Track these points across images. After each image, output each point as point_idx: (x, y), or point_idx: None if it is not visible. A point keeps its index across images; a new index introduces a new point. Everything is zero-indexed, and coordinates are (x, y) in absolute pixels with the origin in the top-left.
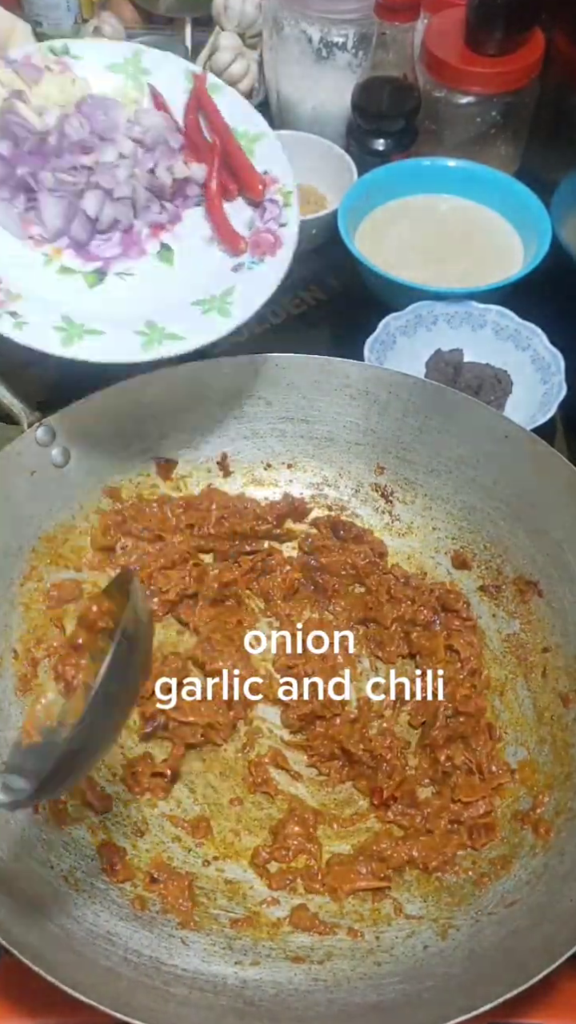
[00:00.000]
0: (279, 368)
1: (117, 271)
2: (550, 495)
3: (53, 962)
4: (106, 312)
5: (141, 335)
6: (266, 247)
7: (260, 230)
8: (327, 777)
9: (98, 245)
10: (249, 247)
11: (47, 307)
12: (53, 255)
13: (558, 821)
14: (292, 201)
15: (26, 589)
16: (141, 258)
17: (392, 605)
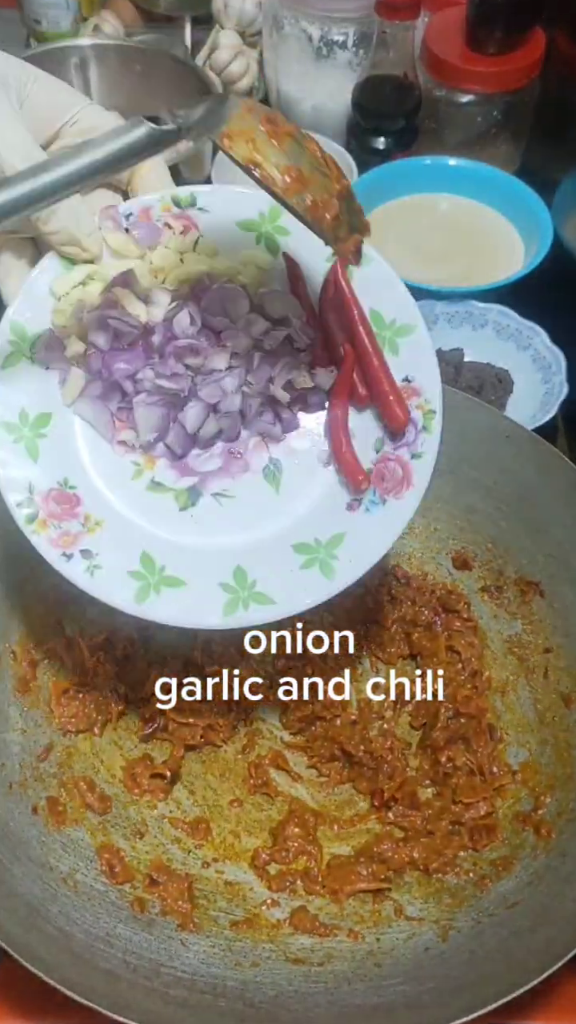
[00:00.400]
0: None
1: (214, 491)
2: (551, 495)
3: (52, 964)
4: (193, 548)
5: (226, 590)
6: (392, 484)
7: (388, 457)
8: (327, 778)
9: (197, 456)
10: (372, 479)
11: (127, 540)
12: (145, 465)
13: (560, 822)
14: (434, 426)
15: (25, 590)
16: (243, 476)
17: (392, 605)
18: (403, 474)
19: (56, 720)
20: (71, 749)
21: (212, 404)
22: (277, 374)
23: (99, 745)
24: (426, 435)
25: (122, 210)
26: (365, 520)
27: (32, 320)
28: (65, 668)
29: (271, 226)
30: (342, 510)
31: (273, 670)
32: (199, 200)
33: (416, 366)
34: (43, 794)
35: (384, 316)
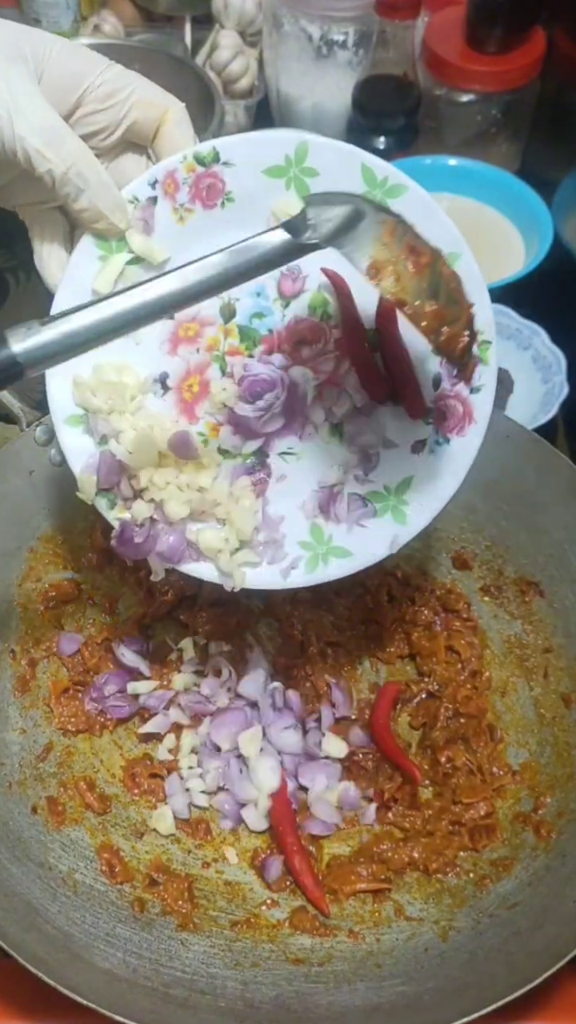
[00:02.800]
0: None
1: (279, 450)
2: (551, 495)
3: (52, 964)
4: (267, 510)
5: (305, 547)
6: (453, 422)
7: (447, 395)
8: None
9: (258, 417)
10: (434, 418)
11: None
12: (210, 433)
13: (560, 823)
14: (490, 357)
15: (24, 590)
16: (306, 431)
17: (392, 605)
18: (463, 410)
19: (56, 720)
20: (71, 749)
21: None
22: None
23: (99, 745)
24: (483, 367)
25: (147, 178)
26: (431, 461)
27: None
28: (65, 668)
29: (299, 169)
30: (407, 454)
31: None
32: (222, 154)
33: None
34: (43, 794)
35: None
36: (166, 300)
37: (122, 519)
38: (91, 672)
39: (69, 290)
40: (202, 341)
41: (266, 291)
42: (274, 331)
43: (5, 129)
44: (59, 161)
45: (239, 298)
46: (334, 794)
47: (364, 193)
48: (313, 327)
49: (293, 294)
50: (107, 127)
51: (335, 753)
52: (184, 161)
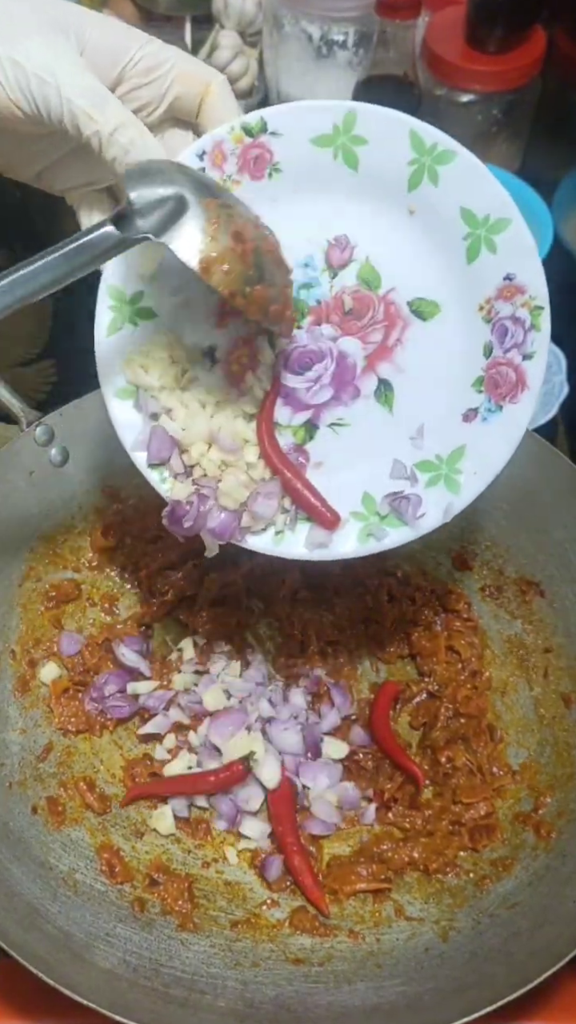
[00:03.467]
0: None
1: (329, 422)
2: (551, 495)
3: (52, 964)
4: (317, 483)
5: (357, 518)
6: (506, 389)
7: (499, 361)
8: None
9: (307, 388)
10: (486, 386)
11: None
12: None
13: (560, 823)
14: (542, 322)
15: (24, 589)
16: (355, 402)
17: (392, 605)
18: (516, 377)
19: (56, 720)
20: (71, 749)
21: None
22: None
23: (99, 745)
24: (535, 333)
25: (195, 150)
26: (483, 430)
27: (128, 282)
28: (65, 668)
29: (347, 137)
30: (459, 422)
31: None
32: (270, 124)
33: (516, 262)
34: (43, 794)
35: (476, 213)
36: (26, 292)
37: (172, 499)
38: (91, 672)
39: (118, 264)
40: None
41: (314, 262)
42: (322, 302)
43: (52, 95)
44: (105, 121)
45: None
46: (334, 794)
47: (411, 159)
48: (362, 298)
49: (341, 264)
50: (150, 102)
51: (336, 754)
52: (232, 132)
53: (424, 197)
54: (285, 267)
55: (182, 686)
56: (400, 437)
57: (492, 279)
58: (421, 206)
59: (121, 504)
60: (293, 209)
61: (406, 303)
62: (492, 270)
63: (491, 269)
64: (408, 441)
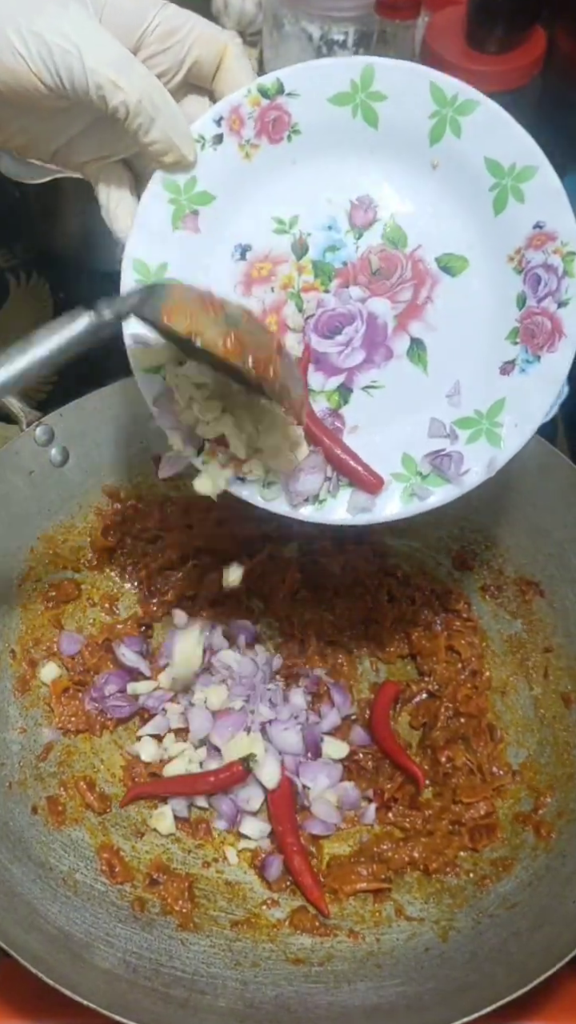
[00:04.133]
0: None
1: (363, 385)
2: (551, 495)
3: (52, 964)
4: (355, 447)
5: (399, 479)
6: (542, 338)
7: (533, 311)
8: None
9: (339, 352)
10: (521, 336)
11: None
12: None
13: (560, 823)
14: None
15: (24, 589)
16: (388, 363)
17: (392, 605)
18: (552, 325)
19: (56, 720)
20: (71, 749)
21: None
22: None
23: (99, 745)
24: (570, 279)
25: (212, 115)
26: (522, 381)
27: (151, 253)
28: (65, 668)
29: (365, 94)
30: (496, 376)
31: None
32: (287, 84)
33: (546, 209)
34: (43, 794)
35: (501, 162)
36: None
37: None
38: (91, 672)
39: (141, 236)
40: (276, 280)
41: (338, 223)
42: (349, 264)
43: (76, 66)
44: (132, 90)
45: (311, 233)
46: (334, 794)
47: (432, 112)
48: (389, 257)
49: (365, 224)
50: (170, 68)
51: (336, 754)
52: (248, 95)
53: (447, 150)
54: (268, 331)
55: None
56: (437, 395)
57: (521, 228)
58: (444, 159)
59: (121, 504)
60: (314, 171)
61: (434, 260)
62: (521, 219)
63: (520, 218)
64: (445, 399)
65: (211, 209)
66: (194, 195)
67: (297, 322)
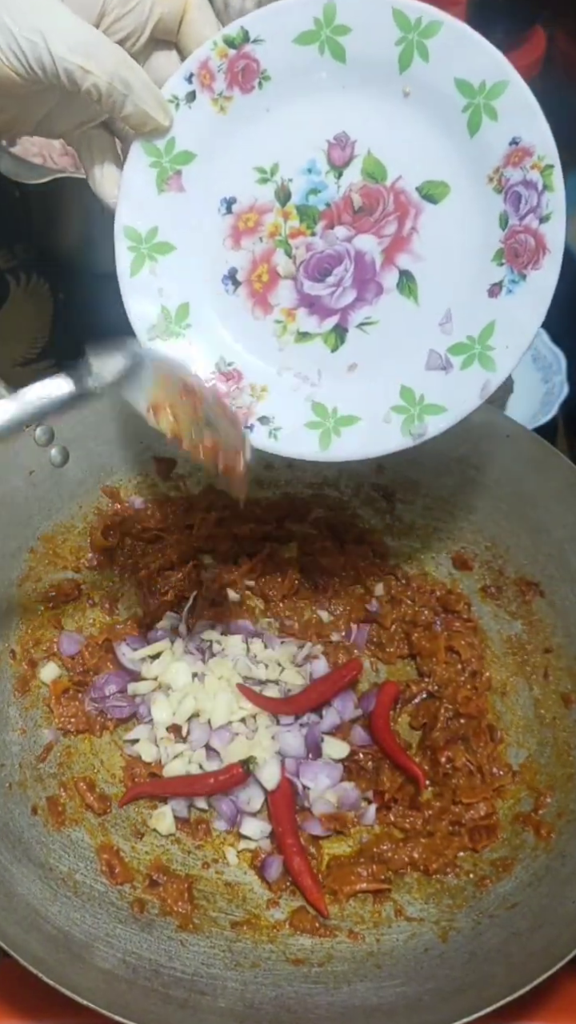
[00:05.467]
0: None
1: (358, 323)
2: (551, 495)
3: (52, 964)
4: (355, 385)
5: (398, 411)
6: (527, 256)
7: (515, 230)
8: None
9: (330, 294)
10: (506, 257)
11: (295, 396)
12: (287, 320)
13: (560, 823)
14: (555, 181)
15: (24, 590)
16: (380, 299)
17: (392, 605)
18: (535, 242)
19: (56, 720)
20: (71, 749)
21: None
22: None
23: (99, 745)
24: (549, 193)
25: (182, 73)
26: (509, 301)
27: (140, 219)
28: (65, 668)
29: (329, 30)
30: (485, 299)
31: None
32: (251, 31)
33: (520, 124)
34: (43, 794)
35: (471, 81)
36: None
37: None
38: (91, 672)
39: (128, 203)
40: (263, 229)
41: (317, 165)
42: (332, 204)
43: (43, 54)
44: (102, 72)
45: (291, 178)
46: (334, 794)
47: (397, 38)
48: (370, 192)
49: (344, 162)
50: (135, 30)
51: (336, 754)
52: (215, 47)
53: (417, 76)
54: (239, 428)
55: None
56: (430, 325)
57: (498, 146)
58: (415, 86)
59: (121, 504)
60: (288, 115)
61: (415, 189)
62: (496, 137)
63: (495, 136)
64: (438, 328)
65: (193, 167)
66: (175, 156)
67: (288, 269)
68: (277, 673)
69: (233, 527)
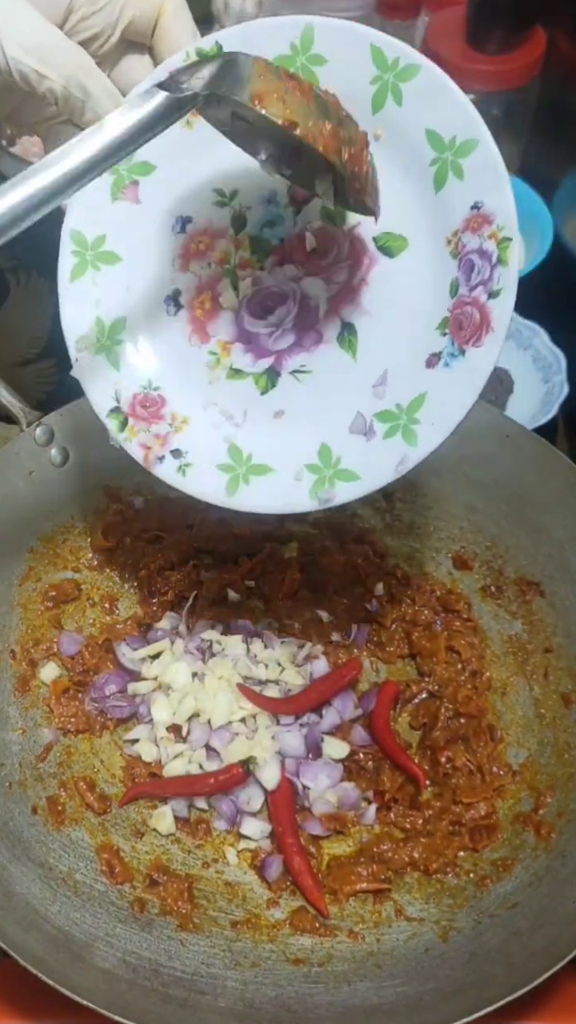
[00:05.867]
0: None
1: (292, 368)
2: (551, 495)
3: (52, 964)
4: (277, 433)
5: (312, 471)
6: (469, 331)
7: (464, 300)
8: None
9: (269, 334)
10: (450, 328)
11: (214, 433)
12: (221, 353)
13: (560, 823)
14: (510, 256)
15: (24, 590)
16: (318, 348)
17: (392, 605)
18: (480, 318)
19: (56, 720)
20: (71, 749)
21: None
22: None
23: (99, 745)
24: (502, 268)
25: (150, 82)
26: (445, 376)
27: (89, 224)
28: (65, 668)
29: (305, 57)
30: (421, 368)
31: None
32: (226, 47)
33: (484, 188)
34: (43, 794)
35: (442, 135)
36: (74, 172)
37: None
38: (91, 672)
39: (79, 207)
40: (213, 254)
41: (277, 198)
42: (286, 240)
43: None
44: (57, 77)
45: (250, 206)
46: (334, 794)
47: (373, 76)
48: (327, 234)
49: (305, 199)
50: (103, 31)
51: (336, 754)
52: (187, 60)
53: (389, 119)
54: (354, 120)
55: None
56: (363, 384)
57: (460, 208)
58: (387, 130)
59: (121, 504)
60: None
61: (372, 239)
62: (460, 198)
63: (459, 197)
64: (370, 389)
65: (151, 180)
66: (134, 165)
67: (231, 302)
68: (277, 673)
69: (233, 527)
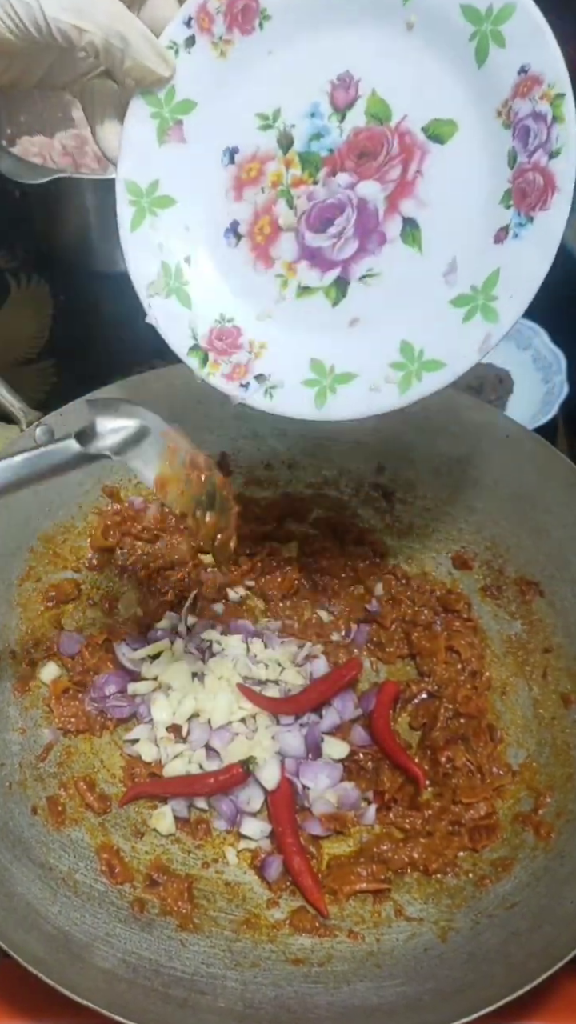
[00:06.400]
0: None
1: (360, 275)
2: (551, 495)
3: (52, 964)
4: (355, 340)
5: (397, 368)
6: (535, 197)
7: (524, 168)
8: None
9: (332, 245)
10: (514, 199)
11: (294, 352)
12: (287, 274)
13: (559, 823)
14: (566, 111)
15: (24, 589)
16: (383, 248)
17: (392, 605)
18: (544, 180)
19: (56, 720)
20: (71, 749)
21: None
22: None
23: (99, 745)
24: (559, 126)
25: (181, 17)
26: (516, 247)
27: (141, 172)
28: (65, 668)
29: None
30: (490, 246)
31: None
32: None
33: (529, 50)
34: (43, 794)
35: (478, 7)
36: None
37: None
38: (91, 672)
39: (129, 157)
40: (265, 179)
41: (320, 109)
42: (335, 150)
43: (37, 15)
44: (97, 30)
45: (294, 123)
46: (334, 794)
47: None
48: (374, 136)
49: (348, 104)
50: None
51: (336, 754)
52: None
53: (420, 5)
54: (232, 505)
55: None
56: (434, 276)
57: (507, 76)
58: (419, 16)
59: (121, 504)
60: (290, 56)
61: (420, 129)
62: (505, 66)
63: (504, 65)
64: (441, 279)
65: (194, 116)
66: (175, 105)
67: (290, 221)
68: (277, 673)
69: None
